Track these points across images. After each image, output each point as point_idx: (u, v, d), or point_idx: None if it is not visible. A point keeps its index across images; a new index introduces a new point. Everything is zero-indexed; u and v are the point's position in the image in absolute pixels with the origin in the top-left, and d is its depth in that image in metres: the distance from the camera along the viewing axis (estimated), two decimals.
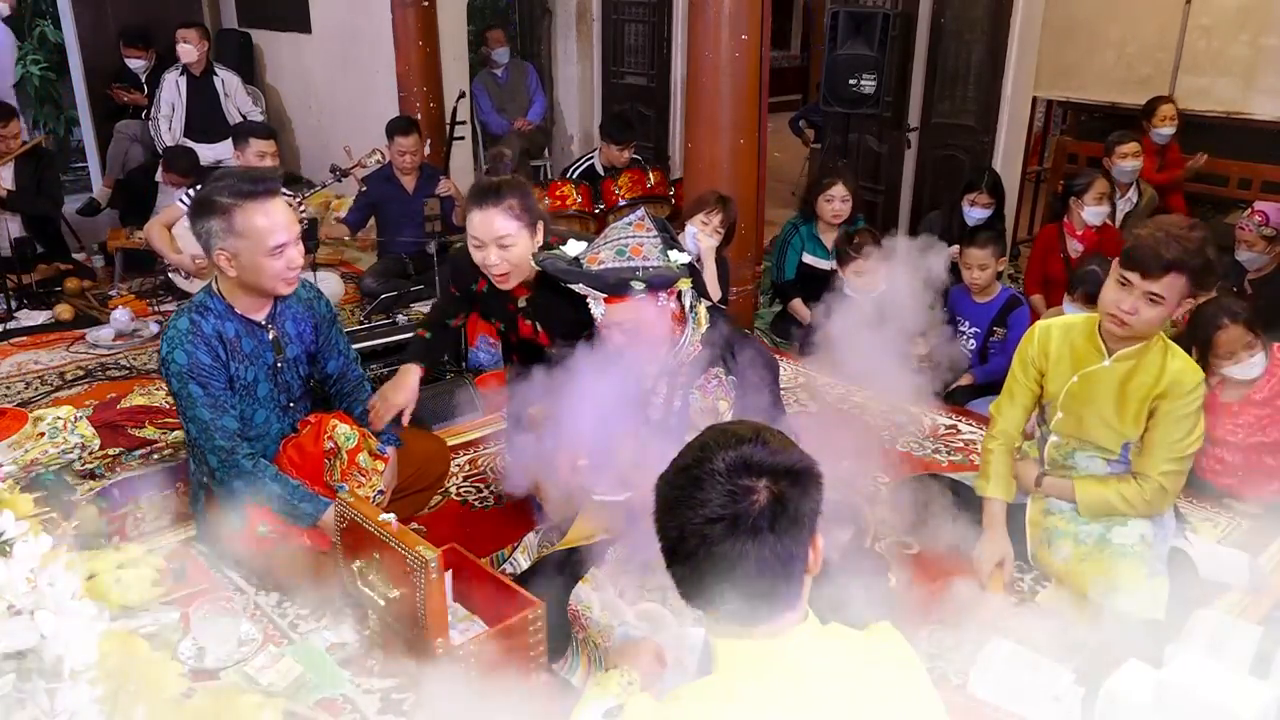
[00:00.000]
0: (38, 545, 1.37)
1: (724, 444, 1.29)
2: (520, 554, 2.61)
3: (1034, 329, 2.69)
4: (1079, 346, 2.58)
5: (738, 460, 1.27)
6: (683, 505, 1.27)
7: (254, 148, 4.48)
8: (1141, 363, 2.49)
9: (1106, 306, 2.45)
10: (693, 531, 1.26)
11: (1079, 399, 2.57)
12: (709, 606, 1.30)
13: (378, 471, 2.63)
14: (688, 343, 2.40)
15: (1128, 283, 2.38)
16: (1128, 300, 2.39)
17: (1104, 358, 2.52)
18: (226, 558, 2.72)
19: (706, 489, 1.26)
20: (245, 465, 2.51)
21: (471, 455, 3.47)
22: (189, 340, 2.47)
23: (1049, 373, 2.63)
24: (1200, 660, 2.10)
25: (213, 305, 2.54)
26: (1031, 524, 2.69)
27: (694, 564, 1.27)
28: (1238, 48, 5.52)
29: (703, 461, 1.28)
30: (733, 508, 1.25)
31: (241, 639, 2.39)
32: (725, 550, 1.24)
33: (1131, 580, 2.44)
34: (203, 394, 2.48)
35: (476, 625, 2.34)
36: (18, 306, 4.81)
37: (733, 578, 1.25)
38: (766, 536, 1.24)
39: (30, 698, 1.30)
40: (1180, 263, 2.31)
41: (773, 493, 1.26)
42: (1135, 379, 2.49)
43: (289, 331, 2.68)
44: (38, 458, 2.80)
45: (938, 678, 2.33)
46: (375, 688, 2.29)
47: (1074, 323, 2.66)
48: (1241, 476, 3.08)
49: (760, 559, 1.24)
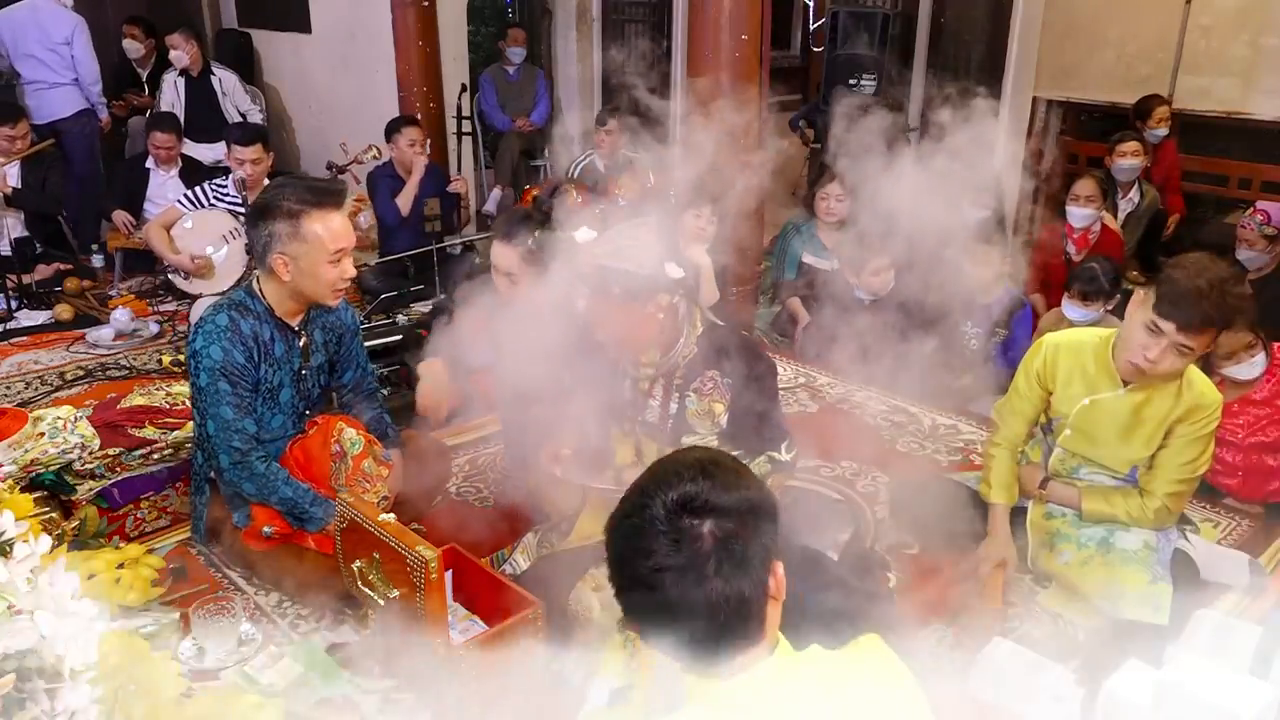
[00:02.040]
0: (38, 545, 1.37)
1: (664, 485, 1.24)
2: (519, 554, 2.61)
3: (1042, 344, 2.61)
4: (1091, 371, 2.49)
5: (678, 503, 1.22)
6: (628, 556, 1.25)
7: (234, 154, 4.52)
8: (1157, 390, 2.40)
9: (1131, 352, 2.31)
10: (640, 581, 1.23)
11: (1089, 421, 2.52)
12: (669, 651, 1.26)
13: (382, 478, 2.63)
14: (684, 346, 2.40)
15: (1158, 330, 2.23)
16: (1155, 349, 2.24)
17: (1118, 387, 2.44)
18: (227, 558, 2.72)
19: (649, 538, 1.22)
20: (259, 468, 2.52)
21: (471, 455, 3.47)
22: (226, 337, 2.48)
23: (1058, 392, 2.56)
24: (1200, 660, 2.10)
25: (253, 306, 2.55)
26: (1033, 527, 2.69)
27: (646, 612, 1.25)
28: (1238, 48, 5.52)
29: (642, 509, 1.24)
30: (676, 556, 1.20)
31: (241, 639, 2.39)
32: (675, 598, 1.21)
33: (1134, 586, 2.43)
34: (230, 392, 2.49)
35: (476, 625, 2.35)
36: (18, 306, 4.81)
37: (686, 625, 1.21)
38: (714, 582, 1.20)
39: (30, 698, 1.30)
40: (1223, 321, 2.20)
41: (717, 536, 1.21)
42: (1151, 404, 2.42)
43: (317, 339, 2.70)
44: (38, 458, 2.80)
45: (938, 678, 2.32)
46: (375, 688, 2.28)
47: (1084, 342, 2.55)
48: (1241, 476, 3.08)
49: (711, 605, 1.20)
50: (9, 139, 4.90)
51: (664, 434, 2.43)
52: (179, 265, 4.55)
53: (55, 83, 5.64)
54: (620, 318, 2.31)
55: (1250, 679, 2.08)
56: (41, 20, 5.59)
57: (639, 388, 2.45)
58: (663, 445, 2.42)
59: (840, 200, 4.51)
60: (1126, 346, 2.35)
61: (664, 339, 2.39)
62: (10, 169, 4.91)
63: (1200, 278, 2.19)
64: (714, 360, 2.41)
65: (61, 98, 5.68)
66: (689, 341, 2.41)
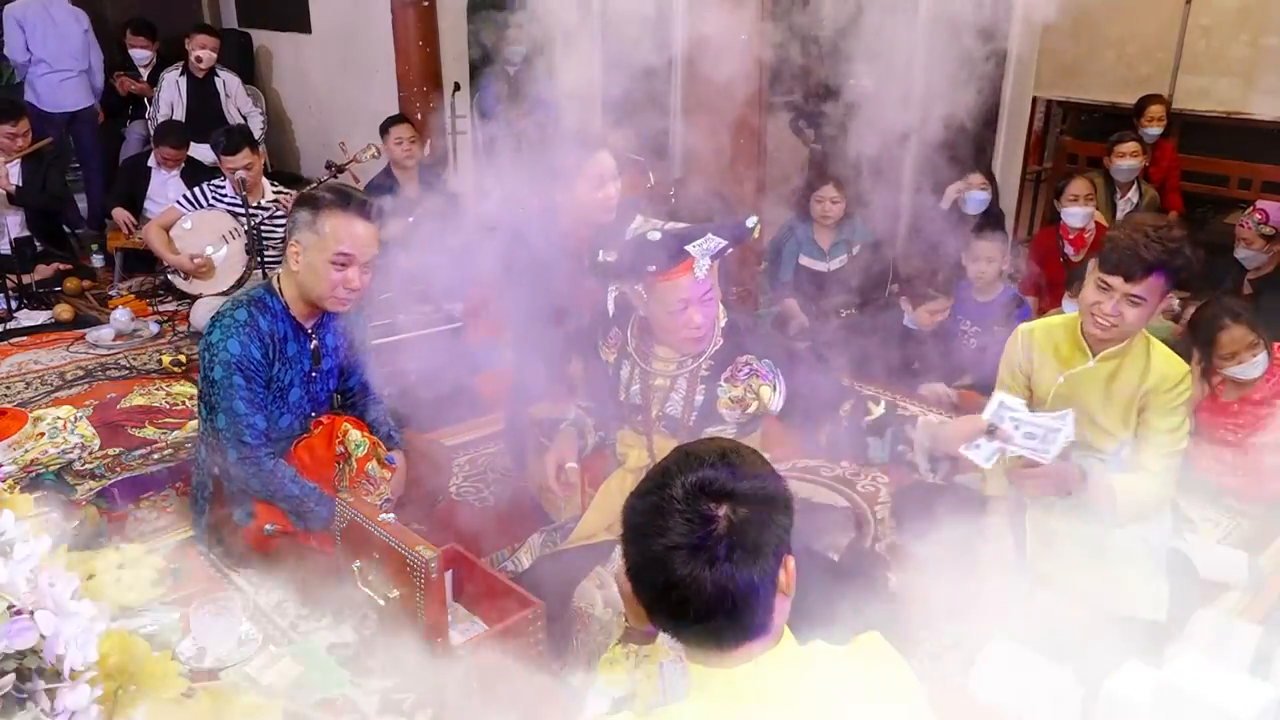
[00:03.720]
0: (38, 545, 1.37)
1: (685, 468, 1.27)
2: (524, 554, 2.61)
3: (1016, 333, 2.65)
4: (1062, 347, 2.55)
5: (697, 485, 1.25)
6: (644, 532, 1.27)
7: (224, 164, 4.53)
8: (1125, 361, 2.46)
9: (1088, 310, 2.41)
10: (653, 558, 1.25)
11: (1066, 400, 2.54)
12: (676, 634, 1.29)
13: (385, 480, 2.64)
14: (714, 336, 2.41)
15: (1107, 286, 2.34)
16: (1108, 303, 2.34)
17: (1088, 358, 2.49)
18: (227, 557, 2.72)
19: (665, 516, 1.24)
20: (267, 464, 2.53)
21: (471, 455, 3.47)
22: (245, 332, 2.50)
23: (1034, 375, 2.60)
24: (1200, 660, 2.10)
25: (271, 304, 2.57)
26: (1032, 525, 2.69)
27: (656, 591, 1.26)
28: (1238, 48, 5.52)
29: (662, 488, 1.27)
30: (689, 536, 1.22)
31: (241, 639, 2.39)
32: (683, 577, 1.22)
33: (1132, 582, 2.43)
34: (245, 387, 2.50)
35: (476, 625, 2.35)
36: (18, 306, 4.81)
37: (693, 606, 1.23)
38: (723, 566, 1.21)
39: (30, 698, 1.30)
40: (1161, 263, 2.28)
41: (731, 521, 1.23)
42: (1120, 377, 2.47)
43: (328, 344, 2.71)
44: (38, 458, 2.81)
45: (938, 678, 2.33)
46: (375, 688, 2.29)
47: (1054, 323, 2.62)
48: (1241, 476, 3.08)
49: (719, 587, 1.22)
50: (10, 136, 4.89)
51: (686, 427, 2.43)
52: (178, 266, 4.56)
53: (69, 73, 5.79)
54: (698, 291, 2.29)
55: (1250, 679, 2.08)
56: (55, 14, 5.73)
57: (651, 384, 2.45)
58: (682, 439, 2.42)
59: (836, 202, 4.52)
60: (1084, 312, 2.43)
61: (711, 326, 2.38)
62: (11, 167, 4.90)
63: (1137, 230, 2.31)
64: (743, 346, 2.41)
65: (77, 88, 5.85)
66: (716, 332, 2.42)
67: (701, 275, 2.27)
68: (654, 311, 2.35)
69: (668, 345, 2.42)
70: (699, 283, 2.28)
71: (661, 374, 2.44)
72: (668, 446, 2.46)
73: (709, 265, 2.28)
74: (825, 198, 4.53)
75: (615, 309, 2.50)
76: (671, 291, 2.28)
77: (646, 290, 2.34)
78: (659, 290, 2.30)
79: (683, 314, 2.30)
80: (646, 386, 2.45)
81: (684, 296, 2.28)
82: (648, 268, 2.28)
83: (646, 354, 2.46)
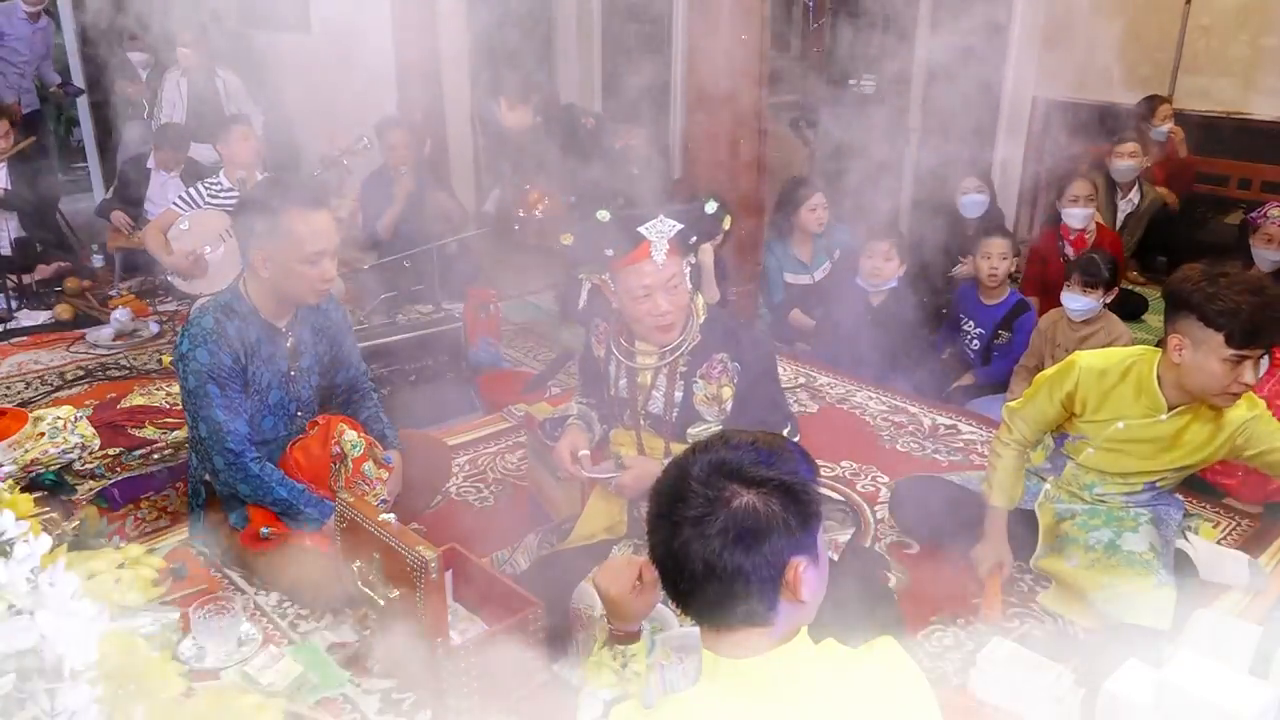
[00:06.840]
0: (38, 545, 1.37)
1: (712, 448, 1.32)
2: (520, 555, 2.61)
3: (1075, 365, 2.55)
4: (1129, 397, 2.48)
5: (715, 463, 1.29)
6: (664, 499, 1.32)
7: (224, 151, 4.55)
8: (1199, 411, 2.44)
9: (1221, 393, 2.31)
10: (663, 521, 1.30)
11: (1119, 443, 2.53)
12: (676, 602, 1.34)
13: (381, 480, 2.63)
14: (690, 331, 2.40)
15: (1239, 360, 2.25)
16: (1248, 373, 2.26)
17: (1161, 412, 2.46)
18: (226, 558, 2.72)
19: (682, 487, 1.29)
20: (253, 469, 2.51)
21: (471, 455, 3.47)
22: (213, 340, 2.47)
23: (1087, 416, 2.55)
24: (1200, 660, 2.10)
25: (239, 308, 2.54)
26: (1044, 530, 2.68)
27: (659, 555, 1.32)
28: (1238, 48, 5.53)
29: (688, 463, 1.32)
30: (696, 509, 1.27)
31: (241, 639, 2.39)
32: (679, 547, 1.27)
33: (1138, 588, 2.42)
34: (219, 395, 2.48)
35: (476, 625, 2.34)
36: (18, 306, 4.81)
37: (684, 576, 1.28)
38: (713, 541, 1.25)
39: (30, 698, 1.30)
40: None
41: (735, 503, 1.26)
42: (1191, 430, 2.46)
43: (305, 340, 2.68)
44: (38, 458, 2.81)
45: (938, 678, 2.33)
46: (375, 688, 2.29)
47: (1114, 366, 2.52)
48: (1241, 476, 3.08)
49: (706, 563, 1.25)
50: None
51: (669, 425, 2.42)
52: (175, 268, 4.55)
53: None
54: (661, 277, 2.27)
55: (1250, 679, 2.08)
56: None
57: (637, 381, 2.45)
58: (668, 438, 2.42)
59: (825, 208, 4.54)
60: (1210, 389, 2.33)
61: (681, 315, 2.36)
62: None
63: (1257, 295, 2.23)
64: (720, 344, 2.40)
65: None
66: (693, 328, 2.41)
67: (660, 259, 2.26)
68: (622, 300, 2.35)
69: (641, 337, 2.42)
70: (660, 268, 2.26)
71: (643, 367, 2.43)
72: (655, 445, 2.49)
73: (667, 249, 2.26)
74: (817, 205, 4.54)
75: (588, 301, 2.49)
76: (634, 277, 2.28)
77: (613, 279, 2.34)
78: (622, 277, 2.30)
79: (646, 300, 2.29)
80: (632, 382, 2.46)
81: (646, 283, 2.27)
82: (605, 252, 2.28)
83: (629, 348, 2.46)
